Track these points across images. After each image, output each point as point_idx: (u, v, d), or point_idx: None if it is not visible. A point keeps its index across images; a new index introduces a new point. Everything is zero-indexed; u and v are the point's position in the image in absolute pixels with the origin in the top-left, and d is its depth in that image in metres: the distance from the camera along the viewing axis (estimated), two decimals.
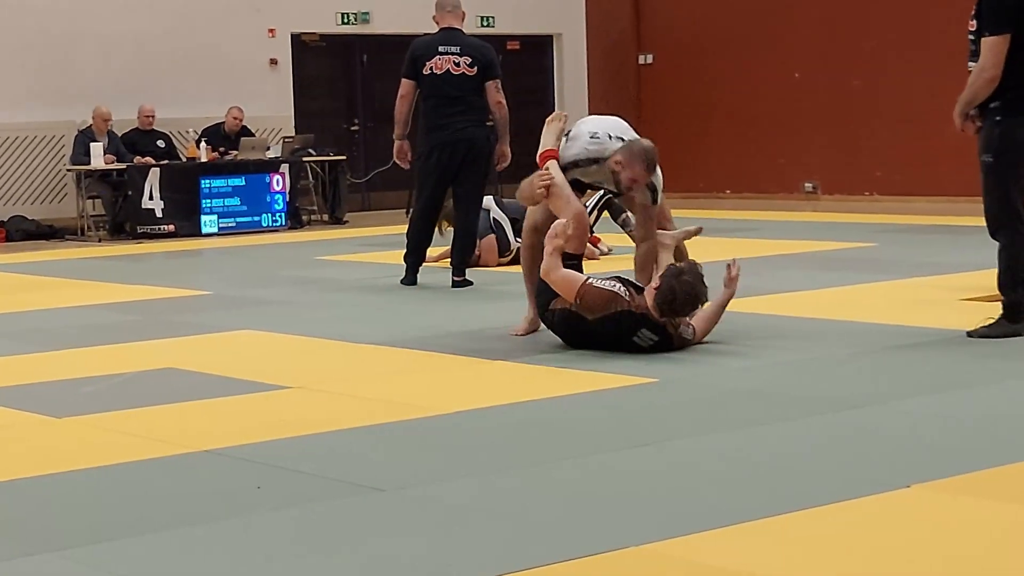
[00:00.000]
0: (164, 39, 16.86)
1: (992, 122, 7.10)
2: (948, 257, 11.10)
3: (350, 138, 18.45)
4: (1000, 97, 7.06)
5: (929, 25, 16.47)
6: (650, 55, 19.45)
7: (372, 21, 18.30)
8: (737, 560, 3.82)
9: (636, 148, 7.45)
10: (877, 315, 8.05)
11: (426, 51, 10.08)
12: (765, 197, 17.64)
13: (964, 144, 8.50)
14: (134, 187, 15.47)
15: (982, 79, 7.05)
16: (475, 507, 4.44)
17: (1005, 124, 7.07)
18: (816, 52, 17.57)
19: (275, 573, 3.83)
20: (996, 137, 7.09)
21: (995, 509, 4.27)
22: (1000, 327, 7.16)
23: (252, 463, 5.03)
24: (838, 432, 5.33)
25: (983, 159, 7.14)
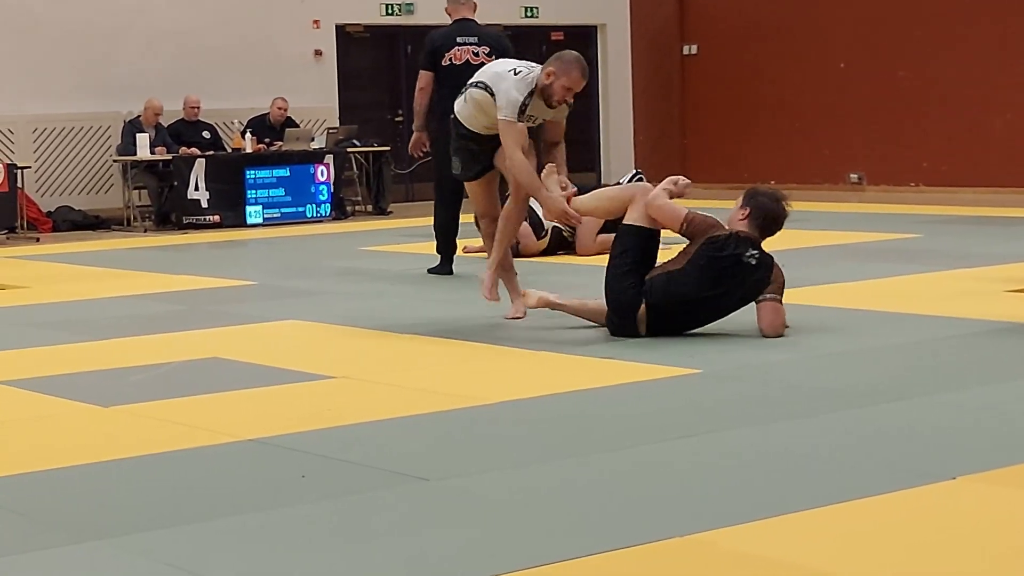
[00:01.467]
0: (209, 31, 16.92)
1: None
2: (994, 248, 11.04)
3: (394, 129, 18.48)
4: None
5: (977, 15, 16.36)
6: (694, 46, 19.40)
7: (416, 12, 18.33)
8: (782, 551, 3.81)
9: (567, 56, 7.58)
10: (923, 306, 8.01)
11: (445, 42, 10.14)
12: (810, 188, 17.56)
13: (1011, 135, 8.48)
14: (180, 178, 15.54)
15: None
16: (518, 498, 4.44)
17: None
18: (862, 42, 17.49)
19: (320, 562, 3.84)
20: None
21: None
22: None
23: (297, 452, 5.05)
24: (883, 424, 5.30)
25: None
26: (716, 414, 5.55)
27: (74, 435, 5.52)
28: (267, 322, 8.27)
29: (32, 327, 8.36)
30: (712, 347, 6.95)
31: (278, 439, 5.25)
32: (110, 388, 6.36)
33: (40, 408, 6.02)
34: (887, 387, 5.94)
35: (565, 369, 6.53)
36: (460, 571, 3.69)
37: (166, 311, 8.90)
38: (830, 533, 3.98)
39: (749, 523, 4.04)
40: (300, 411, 5.79)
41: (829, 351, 6.81)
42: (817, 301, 8.35)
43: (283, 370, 6.66)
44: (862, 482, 4.44)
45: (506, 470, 4.76)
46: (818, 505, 4.19)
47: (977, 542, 3.89)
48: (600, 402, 5.83)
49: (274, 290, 9.87)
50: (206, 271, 11.09)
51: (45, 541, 4.11)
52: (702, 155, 18.95)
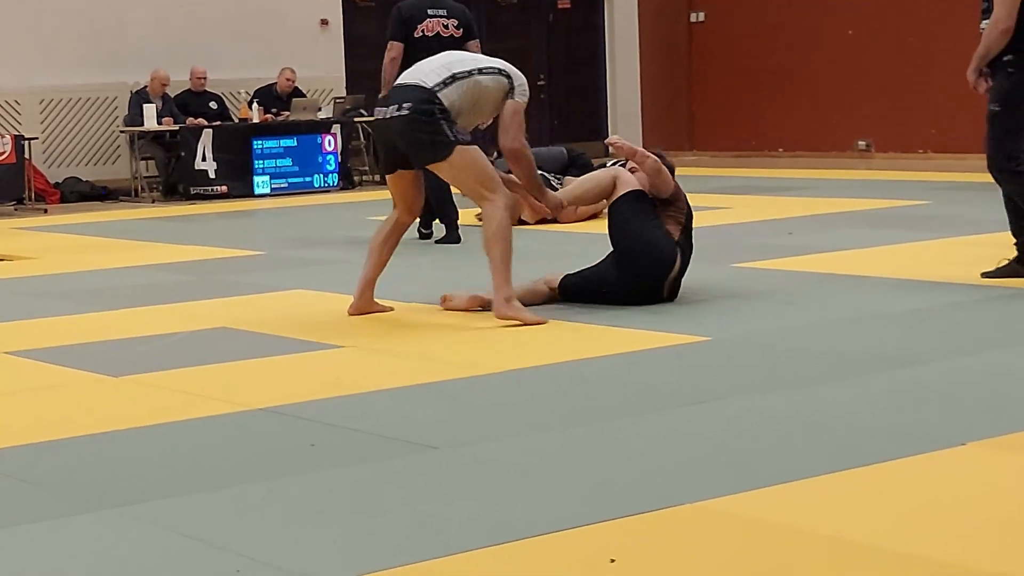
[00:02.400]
0: (215, 1, 16.88)
1: (1004, 74, 7.35)
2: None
3: None
4: (1013, 50, 7.31)
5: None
6: (702, 13, 19.35)
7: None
8: (792, 517, 3.81)
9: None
10: (931, 273, 7.99)
11: (416, 13, 10.23)
12: (818, 155, 17.54)
13: None
14: (187, 148, 15.53)
15: (996, 31, 7.30)
16: (528, 465, 4.44)
17: (1017, 77, 7.34)
18: (870, 8, 17.42)
19: (330, 530, 3.85)
20: (1006, 89, 7.35)
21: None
22: (1012, 268, 7.49)
23: (306, 421, 5.06)
24: (893, 389, 5.30)
25: (991, 108, 7.39)
26: (726, 381, 5.55)
27: (84, 405, 5.53)
28: (275, 292, 8.27)
29: (41, 298, 8.37)
30: (721, 315, 6.95)
31: (287, 408, 5.26)
32: (119, 358, 6.37)
33: (50, 378, 6.03)
34: (896, 353, 5.94)
35: (574, 338, 6.53)
36: (471, 538, 3.69)
37: (174, 281, 8.91)
38: (839, 499, 3.98)
39: (759, 489, 4.04)
40: (309, 380, 5.80)
41: (838, 318, 6.81)
42: (826, 268, 8.35)
43: (292, 339, 6.66)
44: (872, 448, 4.44)
45: (516, 438, 4.77)
46: (827, 471, 4.19)
47: (986, 507, 3.89)
48: (609, 370, 5.83)
49: (282, 260, 9.87)
50: (214, 241, 11.09)
51: (56, 510, 4.12)
52: (709, 123, 18.91)
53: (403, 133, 6.98)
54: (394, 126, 7.00)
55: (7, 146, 14.49)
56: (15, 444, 4.87)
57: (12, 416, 5.37)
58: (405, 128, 6.95)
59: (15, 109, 16.01)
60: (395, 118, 6.98)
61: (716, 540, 3.67)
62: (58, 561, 3.70)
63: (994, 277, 7.55)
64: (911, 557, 3.48)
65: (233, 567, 3.55)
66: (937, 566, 3.41)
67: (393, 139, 7.07)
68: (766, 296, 7.42)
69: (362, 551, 3.66)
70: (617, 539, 3.68)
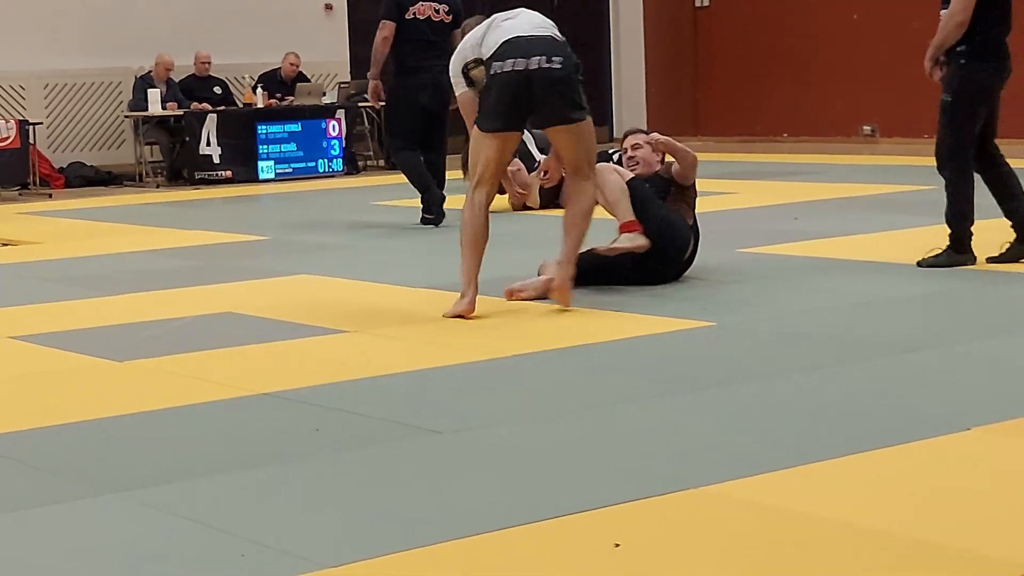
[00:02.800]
0: None
1: (957, 64, 7.60)
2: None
3: None
4: (967, 42, 7.56)
5: None
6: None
7: None
8: (796, 501, 3.82)
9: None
10: None
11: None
12: (823, 140, 17.50)
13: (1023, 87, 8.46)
14: (191, 133, 15.52)
15: (953, 23, 7.54)
16: (533, 450, 4.45)
17: (968, 67, 7.59)
18: None
19: (335, 515, 3.86)
20: (958, 79, 7.60)
21: None
22: (949, 258, 7.64)
23: (311, 406, 5.06)
24: (897, 375, 5.30)
25: (943, 98, 7.64)
26: (730, 366, 5.55)
27: (89, 390, 5.53)
28: (280, 277, 8.27)
29: (45, 283, 8.37)
30: (726, 300, 6.95)
31: (292, 393, 5.26)
32: (124, 343, 6.38)
33: (55, 363, 6.04)
34: (901, 338, 5.94)
35: (579, 322, 6.53)
36: (474, 523, 3.69)
37: (179, 266, 8.91)
38: (844, 484, 3.98)
39: (763, 474, 4.04)
40: (314, 365, 5.80)
41: (843, 303, 6.80)
42: (831, 253, 8.34)
43: (297, 324, 6.66)
44: (876, 433, 4.44)
45: (520, 423, 4.77)
46: (832, 456, 4.19)
47: (991, 492, 3.89)
48: (614, 355, 5.84)
49: (287, 245, 9.87)
50: (219, 226, 11.09)
51: (61, 495, 4.12)
52: (715, 108, 18.88)
53: (554, 85, 6.64)
54: (544, 77, 6.62)
55: (11, 131, 14.49)
56: (20, 429, 4.87)
57: (17, 401, 5.38)
58: (557, 80, 6.65)
59: (19, 94, 16.00)
60: (545, 69, 6.62)
61: (721, 525, 3.67)
62: (63, 545, 3.70)
63: (1000, 262, 7.61)
64: (915, 541, 3.48)
65: (238, 551, 3.56)
66: (941, 550, 3.42)
67: (532, 91, 6.65)
68: (771, 281, 7.42)
69: (367, 535, 3.66)
70: (621, 523, 3.68)
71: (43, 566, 3.55)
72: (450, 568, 3.44)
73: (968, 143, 7.63)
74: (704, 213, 7.79)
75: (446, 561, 3.47)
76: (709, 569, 3.36)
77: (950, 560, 3.36)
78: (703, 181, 12.41)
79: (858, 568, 3.33)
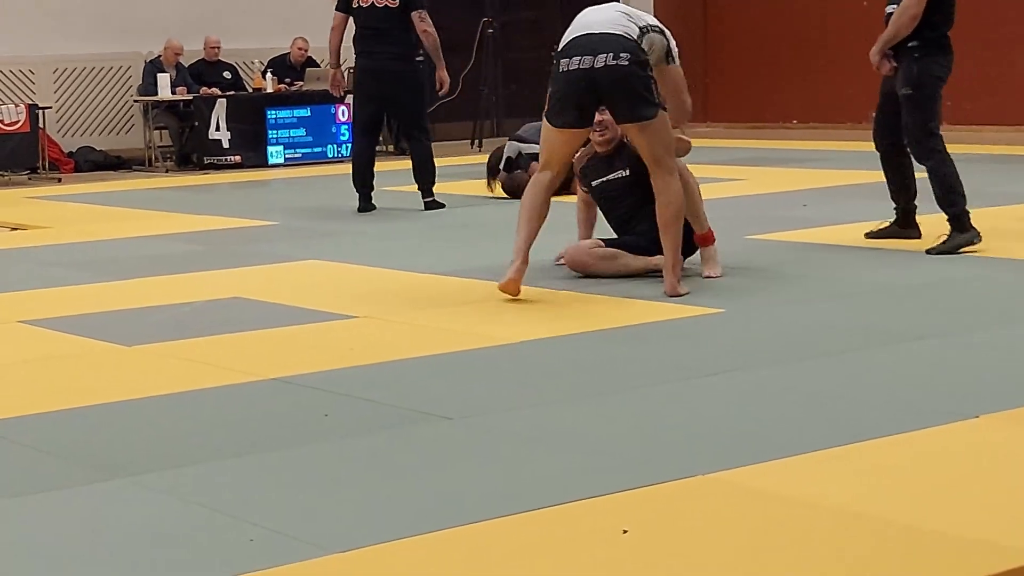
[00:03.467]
0: None
1: (911, 59, 7.91)
2: (1017, 187, 10.99)
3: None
4: (918, 36, 7.89)
5: None
6: None
7: None
8: (804, 490, 3.82)
9: None
10: None
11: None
12: (833, 127, 17.46)
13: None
14: (200, 118, 15.51)
15: (906, 16, 7.86)
16: (541, 436, 4.45)
17: (923, 61, 7.89)
18: None
19: (343, 500, 3.86)
20: (915, 73, 7.89)
21: None
22: (955, 240, 7.79)
23: (320, 391, 5.07)
24: (905, 363, 5.30)
25: (903, 92, 7.92)
26: (739, 353, 5.54)
27: (97, 374, 5.54)
28: (289, 262, 8.28)
29: (54, 267, 8.38)
30: (734, 287, 6.94)
31: (301, 378, 5.27)
32: (133, 327, 6.39)
33: (63, 347, 6.05)
34: (909, 326, 5.94)
35: (587, 309, 6.53)
36: (483, 509, 3.70)
37: (188, 251, 8.92)
38: (852, 472, 3.98)
39: (771, 461, 4.04)
40: (323, 350, 5.81)
41: (852, 290, 6.80)
42: (840, 240, 8.33)
43: (305, 310, 6.67)
44: (885, 421, 4.44)
45: (529, 409, 4.77)
46: (840, 444, 4.20)
47: (999, 480, 3.89)
48: (623, 341, 5.84)
49: (296, 230, 9.88)
50: (228, 211, 11.09)
51: (70, 479, 4.14)
52: (724, 94, 18.85)
53: (619, 83, 6.62)
54: (607, 76, 6.60)
55: (21, 115, 14.49)
56: (29, 413, 4.88)
57: (26, 385, 5.39)
58: (622, 78, 6.61)
59: (29, 78, 16.01)
60: (610, 67, 6.60)
61: (728, 511, 3.68)
62: (73, 529, 3.71)
63: (876, 238, 8.17)
64: (923, 530, 3.48)
65: (247, 536, 3.57)
66: (949, 538, 3.42)
67: (597, 90, 6.66)
68: (780, 268, 7.41)
69: (375, 520, 3.67)
70: (629, 510, 3.69)
71: (52, 550, 3.56)
72: (459, 553, 3.45)
73: (936, 129, 7.91)
74: (713, 199, 7.78)
75: (455, 547, 3.48)
76: (716, 556, 3.37)
77: (958, 548, 3.36)
78: (712, 167, 12.42)
79: (865, 556, 3.33)
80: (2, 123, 14.40)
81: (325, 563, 3.38)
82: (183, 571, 3.36)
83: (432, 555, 3.44)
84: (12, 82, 15.90)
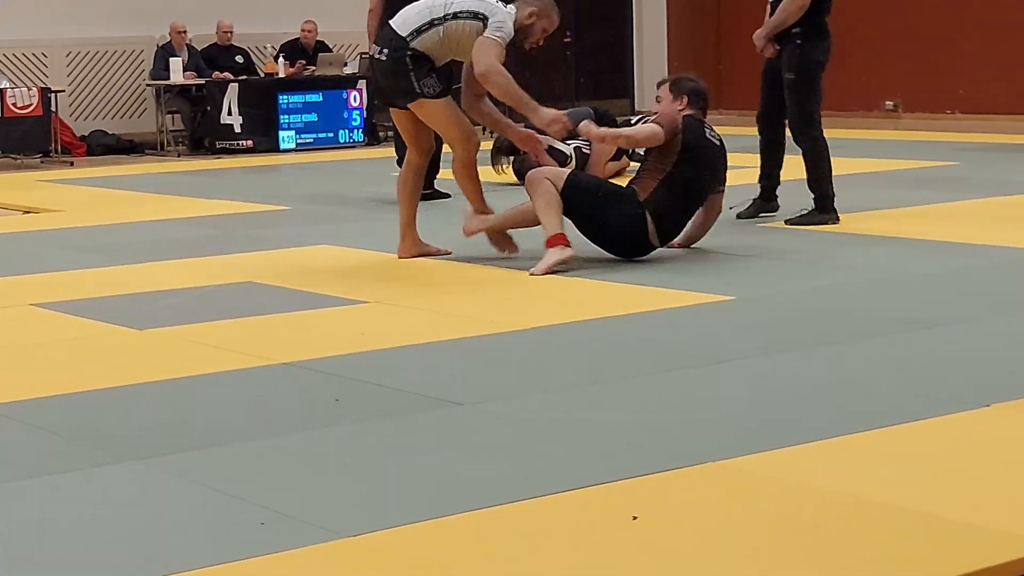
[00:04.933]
0: None
1: (794, 45, 8.40)
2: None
3: None
4: (801, 24, 8.37)
5: None
6: None
7: None
8: (816, 476, 3.82)
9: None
10: (959, 234, 7.97)
11: None
12: (845, 115, 17.42)
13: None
14: (212, 102, 15.52)
15: (796, 5, 8.33)
16: (552, 422, 4.45)
17: (805, 47, 8.40)
18: None
19: (353, 485, 3.87)
20: (797, 58, 8.40)
21: None
22: (814, 216, 8.37)
23: (331, 376, 5.07)
24: (918, 350, 5.29)
25: (786, 77, 8.41)
26: (749, 340, 5.54)
27: (109, 357, 5.55)
28: (301, 247, 8.28)
29: (66, 250, 8.39)
30: (745, 274, 6.94)
31: (312, 363, 5.27)
32: (145, 311, 6.39)
33: (75, 330, 6.06)
34: (921, 314, 5.93)
35: (598, 295, 6.53)
36: (494, 494, 3.70)
37: (200, 235, 8.93)
38: (863, 459, 3.98)
39: (781, 449, 4.04)
40: (334, 335, 5.81)
41: (863, 278, 6.79)
42: (852, 228, 8.32)
43: (317, 294, 6.67)
44: (896, 409, 4.44)
45: (539, 395, 4.77)
46: (851, 431, 4.19)
47: (1010, 469, 3.88)
48: (633, 328, 5.83)
49: (307, 215, 9.88)
50: (239, 196, 11.10)
51: (82, 461, 4.14)
52: (737, 82, 18.80)
53: (383, 76, 7.48)
54: (378, 68, 7.52)
55: (34, 98, 14.51)
56: (40, 396, 4.89)
57: (38, 368, 5.40)
58: (385, 72, 7.44)
59: (41, 62, 16.02)
60: (378, 60, 7.47)
61: (739, 499, 3.68)
62: (84, 512, 3.72)
63: (745, 217, 8.64)
64: (935, 517, 3.48)
65: (258, 519, 3.57)
66: (961, 527, 3.42)
67: (378, 79, 7.65)
68: (791, 256, 7.41)
69: (386, 505, 3.67)
70: (639, 496, 3.69)
71: (63, 532, 3.57)
72: (469, 538, 3.45)
73: (817, 115, 8.49)
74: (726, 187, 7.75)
75: (466, 531, 3.48)
76: (726, 543, 3.37)
77: (970, 536, 3.36)
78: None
79: (876, 544, 3.33)
80: (15, 106, 14.42)
81: (336, 547, 3.38)
82: (194, 554, 3.36)
83: (443, 540, 3.44)
84: (25, 65, 15.92)
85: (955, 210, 9.17)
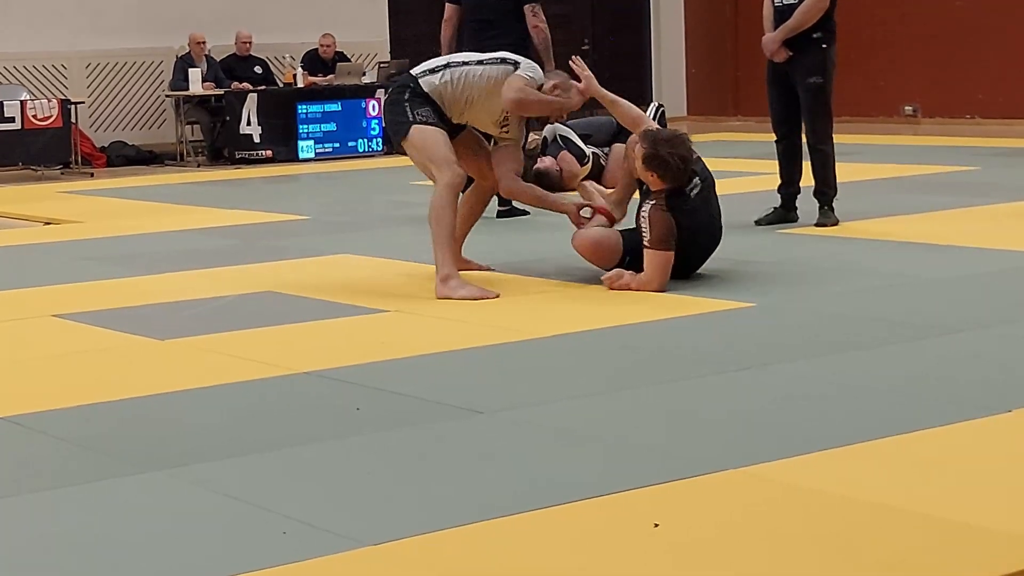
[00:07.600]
0: None
1: (817, 49, 8.46)
2: None
3: None
4: (821, 28, 8.45)
5: None
6: None
7: None
8: (838, 483, 3.81)
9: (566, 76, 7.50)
10: (979, 239, 7.95)
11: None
12: (864, 120, 17.42)
13: None
14: (232, 113, 15.57)
15: (816, 8, 8.40)
16: (573, 430, 4.45)
17: (830, 51, 8.50)
18: None
19: (375, 494, 3.87)
20: (822, 61, 8.46)
21: None
22: (828, 217, 8.52)
23: (352, 385, 5.08)
24: (939, 356, 5.28)
25: (812, 81, 8.43)
26: (771, 347, 5.53)
27: (130, 368, 5.56)
28: (321, 256, 8.29)
29: (87, 261, 8.42)
30: (766, 281, 6.93)
31: (333, 372, 5.28)
32: (166, 321, 6.41)
33: (96, 341, 6.07)
34: (943, 320, 5.91)
35: (618, 302, 6.52)
36: (515, 503, 3.70)
37: (220, 245, 8.94)
38: (886, 465, 3.97)
39: (804, 455, 4.03)
40: (355, 344, 5.82)
41: (884, 284, 6.78)
42: (873, 234, 8.31)
43: (337, 304, 6.68)
44: (918, 414, 4.42)
45: (560, 402, 4.77)
46: (874, 437, 4.18)
47: None
48: (654, 335, 5.83)
49: (327, 225, 9.90)
50: (259, 206, 11.12)
51: (104, 472, 4.15)
52: (755, 87, 18.78)
53: (384, 113, 7.45)
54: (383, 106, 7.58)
55: (54, 110, 14.56)
56: (63, 407, 4.90)
57: (60, 379, 5.41)
58: (384, 108, 7.41)
59: (62, 73, 16.08)
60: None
61: (760, 506, 3.67)
62: (106, 523, 3.73)
63: (765, 224, 8.59)
64: (958, 524, 3.47)
65: (280, 529, 3.58)
66: (985, 533, 3.40)
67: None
68: (811, 262, 7.39)
69: (408, 514, 3.67)
70: (661, 504, 3.68)
71: (86, 543, 3.58)
72: (492, 547, 3.45)
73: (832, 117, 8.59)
74: (744, 194, 7.79)
75: (488, 540, 3.48)
76: (748, 550, 3.36)
77: (993, 542, 3.35)
78: (743, 161, 12.38)
79: (900, 550, 3.32)
80: (35, 118, 14.47)
81: (358, 556, 3.39)
82: (216, 564, 3.37)
83: (466, 548, 3.44)
84: (45, 77, 15.98)
85: (976, 215, 9.15)
